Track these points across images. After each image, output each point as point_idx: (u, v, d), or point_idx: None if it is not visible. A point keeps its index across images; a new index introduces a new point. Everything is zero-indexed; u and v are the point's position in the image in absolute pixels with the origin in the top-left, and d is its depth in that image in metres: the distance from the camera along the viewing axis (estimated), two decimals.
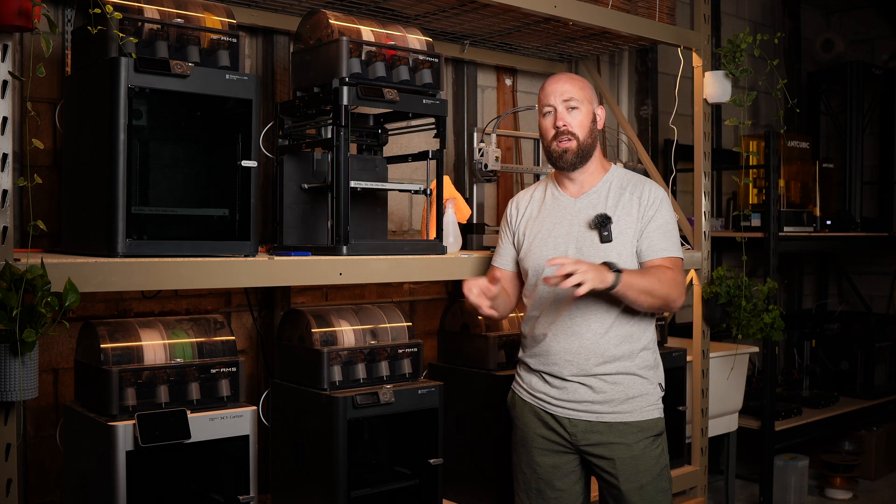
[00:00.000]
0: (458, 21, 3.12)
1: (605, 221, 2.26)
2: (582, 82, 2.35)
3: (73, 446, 2.27)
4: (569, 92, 2.30)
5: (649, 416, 2.30)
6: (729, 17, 5.08)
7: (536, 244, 2.36)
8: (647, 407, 2.30)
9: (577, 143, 2.30)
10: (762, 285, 3.52)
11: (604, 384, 2.26)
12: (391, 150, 2.98)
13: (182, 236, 2.11)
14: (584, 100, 2.31)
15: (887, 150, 5.34)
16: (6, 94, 1.79)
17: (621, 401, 2.27)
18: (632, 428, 2.27)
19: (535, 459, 2.35)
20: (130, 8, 2.11)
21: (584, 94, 2.32)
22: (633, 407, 2.28)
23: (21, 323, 1.71)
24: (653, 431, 2.29)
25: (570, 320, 2.28)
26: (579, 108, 2.30)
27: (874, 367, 5.13)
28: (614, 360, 2.27)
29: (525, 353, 2.42)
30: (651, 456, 2.28)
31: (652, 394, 2.32)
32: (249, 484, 2.23)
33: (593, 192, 2.35)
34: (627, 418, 2.27)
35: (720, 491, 4.31)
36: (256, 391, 2.92)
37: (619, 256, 2.24)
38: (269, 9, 2.88)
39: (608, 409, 2.27)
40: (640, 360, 2.30)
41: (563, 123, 2.29)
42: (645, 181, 2.36)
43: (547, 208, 2.40)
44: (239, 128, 2.18)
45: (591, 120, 2.33)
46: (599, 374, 2.26)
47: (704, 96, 3.39)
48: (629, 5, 3.16)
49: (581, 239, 2.29)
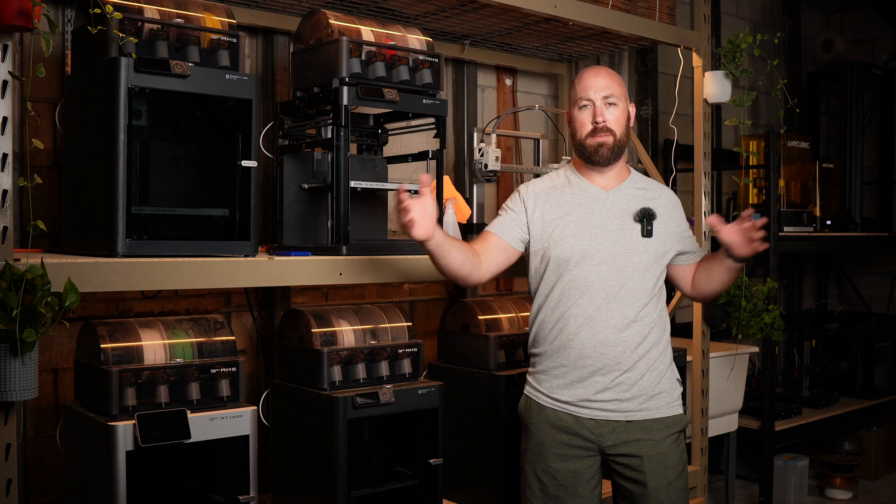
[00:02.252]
0: (458, 21, 3.12)
1: (650, 216, 2.27)
2: (619, 78, 2.36)
3: (73, 446, 2.27)
4: (608, 87, 2.29)
5: (673, 412, 2.30)
6: (729, 17, 5.08)
7: (570, 233, 2.27)
8: (671, 403, 2.30)
9: (613, 140, 2.28)
10: (762, 285, 3.52)
11: (630, 380, 2.24)
12: (391, 150, 2.98)
13: (182, 236, 2.11)
14: (622, 96, 2.32)
15: (887, 150, 5.34)
16: (6, 94, 1.79)
17: (648, 397, 2.25)
18: (658, 424, 2.26)
19: (553, 466, 2.28)
20: (130, 8, 2.11)
21: (622, 90, 2.33)
22: (660, 403, 2.27)
23: (21, 323, 1.71)
24: (677, 427, 2.30)
25: (594, 312, 2.23)
26: (617, 105, 2.29)
27: (874, 367, 5.12)
28: (639, 356, 2.25)
29: (541, 353, 2.33)
30: (676, 452, 2.28)
31: (676, 389, 2.33)
32: (249, 484, 2.23)
33: (623, 186, 2.35)
34: (655, 414, 2.26)
35: (720, 491, 4.31)
36: (256, 391, 2.92)
37: (656, 253, 2.29)
38: (269, 9, 2.88)
39: (635, 406, 2.24)
40: (663, 357, 2.31)
41: (602, 119, 2.28)
42: (658, 184, 2.45)
43: (576, 199, 2.33)
44: (239, 128, 2.18)
45: (626, 117, 2.34)
46: (625, 370, 2.23)
47: (704, 96, 3.39)
48: (629, 5, 3.16)
49: (620, 231, 2.28)
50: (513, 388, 2.80)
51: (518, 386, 2.83)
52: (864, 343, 5.05)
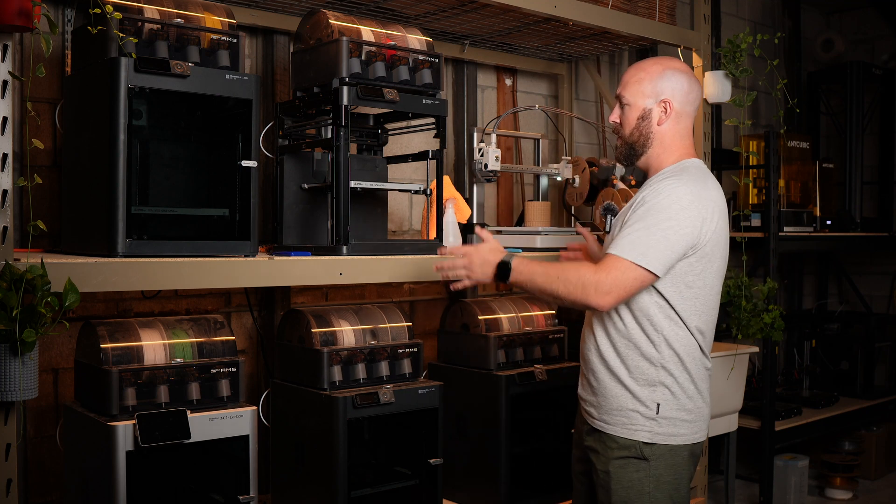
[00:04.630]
0: (458, 21, 3.12)
1: (610, 212, 2.23)
2: (639, 75, 2.19)
3: (73, 446, 2.27)
4: (621, 87, 2.22)
5: (630, 435, 2.10)
6: (729, 17, 5.08)
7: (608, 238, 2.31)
8: (630, 425, 2.10)
9: (622, 141, 2.23)
10: (762, 285, 3.52)
11: (598, 386, 2.17)
12: (391, 150, 2.98)
13: (182, 236, 2.11)
14: (636, 94, 2.18)
15: (887, 150, 5.33)
16: (6, 94, 1.79)
17: (606, 410, 2.15)
18: (610, 442, 2.13)
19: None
20: (130, 8, 2.11)
21: (637, 87, 2.18)
22: (616, 420, 2.12)
23: (21, 323, 1.71)
24: (631, 452, 2.10)
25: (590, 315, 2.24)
26: (630, 105, 2.19)
27: (874, 367, 5.12)
28: (611, 368, 2.14)
29: None
30: (624, 478, 2.09)
31: (642, 413, 2.10)
32: (249, 484, 2.23)
33: (645, 186, 2.21)
34: (608, 430, 2.14)
35: (720, 491, 4.31)
36: (256, 391, 2.92)
37: None
38: (269, 9, 2.88)
39: (596, 414, 2.18)
40: (641, 376, 2.10)
41: (612, 120, 2.25)
42: (663, 181, 2.11)
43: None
44: (239, 128, 2.18)
45: (638, 115, 2.18)
46: (592, 375, 2.19)
47: (704, 96, 3.39)
48: (629, 5, 3.16)
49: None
50: (513, 387, 2.80)
51: (518, 386, 2.84)
52: (864, 343, 5.05)
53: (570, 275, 2.05)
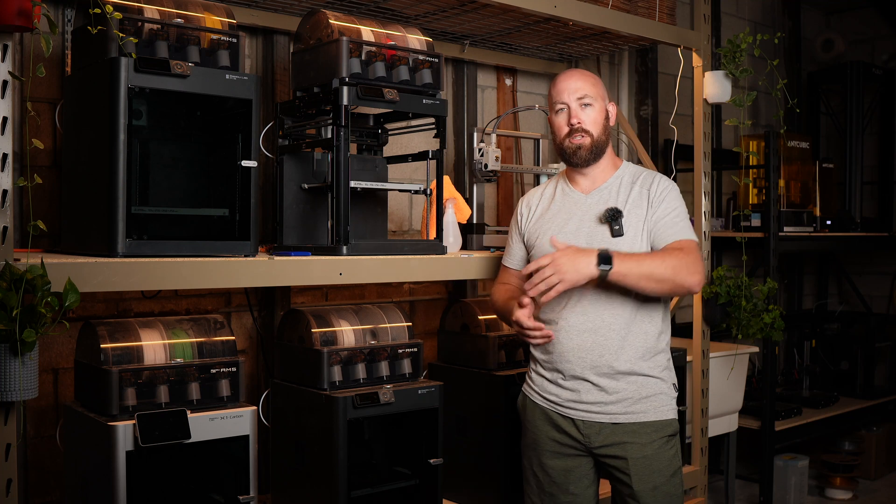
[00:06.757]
0: (458, 21, 3.12)
1: (616, 215, 2.24)
2: (594, 79, 2.35)
3: (73, 446, 2.27)
4: (582, 89, 2.30)
5: (663, 416, 2.27)
6: (729, 17, 5.08)
7: (545, 240, 2.33)
8: (661, 407, 2.27)
9: (590, 140, 2.29)
10: (762, 285, 3.52)
11: (616, 384, 2.23)
12: (391, 150, 2.98)
13: (182, 236, 2.11)
14: (598, 97, 2.31)
15: (887, 150, 5.34)
16: (6, 94, 1.79)
17: (635, 400, 2.24)
18: (646, 428, 2.25)
19: (547, 463, 2.33)
20: (130, 8, 2.11)
21: (597, 90, 2.32)
22: (647, 407, 2.25)
23: (21, 323, 1.71)
24: (667, 432, 2.27)
25: (583, 317, 2.25)
26: (593, 105, 2.30)
27: (874, 367, 5.13)
28: (628, 360, 2.24)
29: (536, 352, 2.38)
30: (664, 457, 2.25)
31: (667, 393, 2.29)
32: (249, 484, 2.23)
33: (604, 187, 2.34)
34: (641, 418, 2.24)
35: (720, 491, 4.31)
36: (256, 391, 2.92)
37: (630, 250, 2.23)
38: (269, 9, 2.88)
39: (621, 410, 2.24)
40: (654, 360, 2.27)
41: (577, 120, 2.29)
42: (654, 174, 2.35)
43: (557, 205, 2.39)
44: (239, 128, 2.18)
45: (604, 117, 2.33)
46: (612, 374, 2.23)
47: (704, 96, 3.39)
48: (629, 5, 3.16)
49: (592, 234, 2.28)
50: (513, 388, 2.80)
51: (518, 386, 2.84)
52: (864, 343, 5.05)
53: (667, 259, 2.18)
